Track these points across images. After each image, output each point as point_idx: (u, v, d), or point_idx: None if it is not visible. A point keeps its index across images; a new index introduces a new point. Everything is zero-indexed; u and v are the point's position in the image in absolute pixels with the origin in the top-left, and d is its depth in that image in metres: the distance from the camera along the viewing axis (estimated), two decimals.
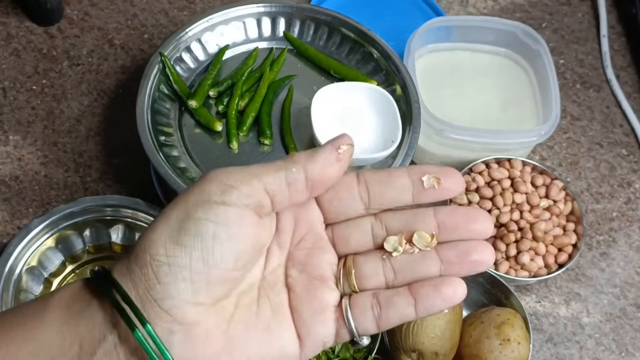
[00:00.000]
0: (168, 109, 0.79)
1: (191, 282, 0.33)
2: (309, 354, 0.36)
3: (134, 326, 0.33)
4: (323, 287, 0.37)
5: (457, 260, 0.37)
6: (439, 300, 0.37)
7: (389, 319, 0.37)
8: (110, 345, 0.34)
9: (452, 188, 0.38)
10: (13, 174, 0.82)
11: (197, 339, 0.33)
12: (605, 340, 0.79)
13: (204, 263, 0.33)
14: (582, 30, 1.01)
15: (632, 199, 0.88)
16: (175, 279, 0.33)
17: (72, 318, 0.35)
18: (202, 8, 0.97)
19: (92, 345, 0.34)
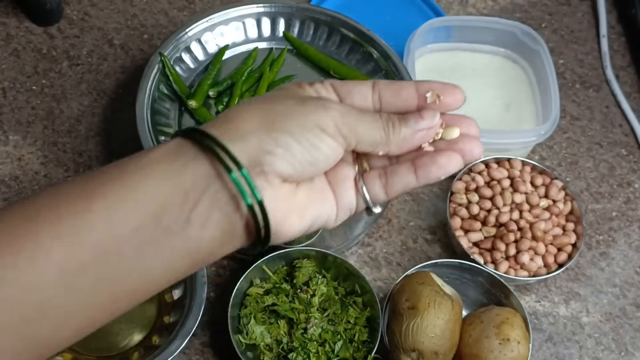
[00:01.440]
0: (168, 109, 0.79)
1: (293, 167, 0.42)
2: (341, 217, 0.46)
3: (231, 169, 0.40)
4: (344, 164, 0.46)
5: (446, 147, 0.45)
6: (434, 167, 0.44)
7: (393, 185, 0.45)
8: (212, 193, 0.40)
9: (451, 103, 0.46)
10: (13, 174, 0.82)
11: (279, 196, 0.42)
12: (605, 339, 0.79)
13: (309, 164, 0.42)
14: (581, 30, 1.01)
15: (631, 199, 0.88)
16: (285, 159, 0.41)
17: (176, 170, 0.40)
18: (201, 8, 0.97)
19: (197, 194, 0.40)
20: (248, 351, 0.71)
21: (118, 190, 0.40)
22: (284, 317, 0.72)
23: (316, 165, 0.43)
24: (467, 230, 0.80)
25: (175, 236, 0.40)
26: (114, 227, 0.39)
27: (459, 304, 0.70)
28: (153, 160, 0.41)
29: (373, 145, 0.44)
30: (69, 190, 0.40)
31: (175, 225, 0.40)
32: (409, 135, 0.45)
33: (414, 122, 0.45)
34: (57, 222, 0.39)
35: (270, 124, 0.42)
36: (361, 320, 0.73)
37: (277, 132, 0.41)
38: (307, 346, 0.71)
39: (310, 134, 0.42)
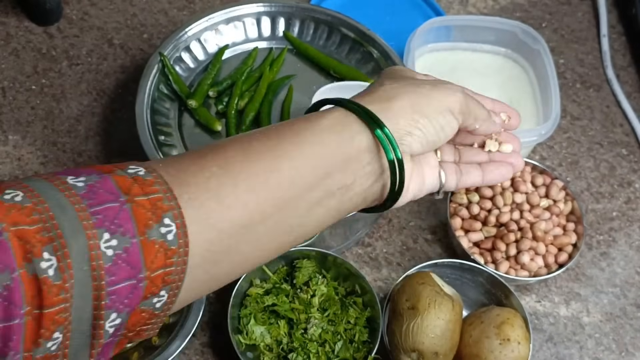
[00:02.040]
0: (168, 109, 0.79)
1: (422, 146, 0.52)
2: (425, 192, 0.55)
3: (380, 126, 0.49)
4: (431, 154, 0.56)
5: (500, 159, 0.58)
6: (497, 172, 0.57)
7: (466, 179, 0.57)
8: (369, 163, 0.50)
9: (513, 125, 0.59)
10: (12, 174, 0.82)
11: (407, 168, 0.51)
12: (605, 340, 0.79)
13: (434, 143, 0.52)
14: (582, 29, 1.01)
15: (632, 199, 0.88)
16: (419, 140, 0.51)
17: (343, 142, 0.49)
18: (201, 8, 0.97)
19: (358, 163, 0.49)
20: (248, 351, 0.71)
21: (299, 154, 0.48)
22: (284, 318, 0.72)
23: (438, 143, 0.53)
24: (468, 230, 0.80)
25: (332, 198, 0.49)
26: (295, 186, 0.47)
27: (459, 304, 0.70)
28: (324, 129, 0.49)
29: (476, 120, 0.55)
30: (257, 148, 0.48)
31: (335, 188, 0.49)
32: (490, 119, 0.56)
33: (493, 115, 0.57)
34: (252, 176, 0.46)
35: (416, 107, 0.51)
36: (361, 321, 0.73)
37: (419, 115, 0.51)
38: (307, 346, 0.71)
39: (442, 116, 0.52)
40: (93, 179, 0.42)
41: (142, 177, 0.43)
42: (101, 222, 0.40)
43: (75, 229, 0.40)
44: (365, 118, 0.49)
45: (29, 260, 0.38)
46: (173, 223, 0.42)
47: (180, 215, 0.43)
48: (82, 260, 0.39)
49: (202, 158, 0.46)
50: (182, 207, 0.43)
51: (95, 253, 0.40)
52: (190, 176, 0.45)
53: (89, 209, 0.40)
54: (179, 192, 0.43)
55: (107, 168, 0.44)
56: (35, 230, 0.39)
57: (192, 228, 0.43)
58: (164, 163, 0.46)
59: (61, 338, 0.40)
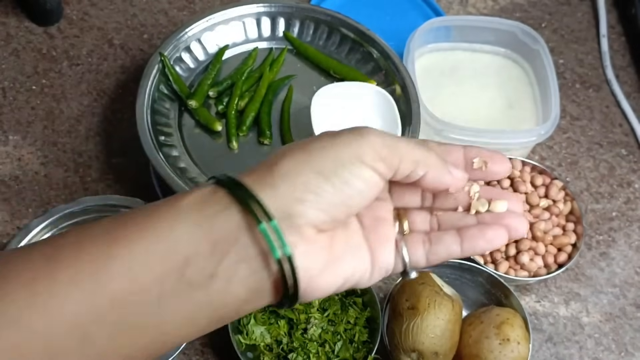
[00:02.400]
0: (168, 109, 0.79)
1: (326, 213, 0.40)
2: (376, 277, 0.44)
3: (260, 221, 0.38)
4: (385, 224, 0.44)
5: (492, 221, 0.45)
6: (482, 240, 0.44)
7: (437, 253, 0.44)
8: (242, 246, 0.39)
9: (497, 172, 0.46)
10: (13, 174, 0.82)
11: (312, 252, 0.40)
12: (605, 340, 0.79)
13: (342, 205, 0.40)
14: (581, 30, 1.01)
15: (631, 199, 0.88)
16: (317, 206, 0.39)
17: (206, 220, 0.39)
18: (201, 8, 0.97)
19: (226, 245, 0.38)
20: (248, 351, 0.71)
21: (144, 237, 0.38)
22: (284, 318, 0.72)
23: (350, 203, 0.40)
24: None
25: (198, 290, 0.38)
26: (136, 277, 0.37)
27: (459, 304, 0.70)
28: (184, 207, 0.39)
29: (414, 164, 0.42)
30: (94, 232, 0.39)
31: (200, 278, 0.38)
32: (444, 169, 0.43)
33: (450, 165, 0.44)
34: (77, 267, 0.37)
35: (304, 165, 0.40)
36: (361, 321, 0.73)
37: (310, 173, 0.39)
38: (307, 346, 0.71)
39: (344, 169, 0.40)
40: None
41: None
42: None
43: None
44: (235, 191, 0.39)
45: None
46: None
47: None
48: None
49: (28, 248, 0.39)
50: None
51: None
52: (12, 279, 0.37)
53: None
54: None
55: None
56: None
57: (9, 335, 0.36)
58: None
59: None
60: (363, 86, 0.78)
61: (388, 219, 0.45)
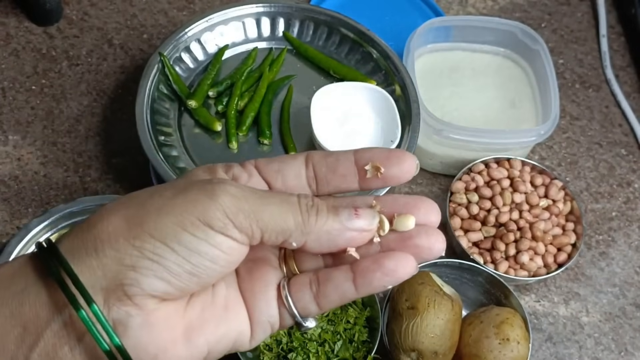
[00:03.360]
0: (167, 109, 0.79)
1: (168, 283, 0.32)
2: (259, 336, 0.36)
3: (79, 306, 0.31)
4: (265, 267, 0.37)
5: (396, 245, 0.35)
6: (378, 273, 0.34)
7: (327, 296, 0.35)
8: (58, 327, 0.32)
9: (397, 176, 0.36)
10: (12, 174, 0.82)
11: (155, 323, 0.33)
12: (605, 339, 0.79)
13: (190, 275, 0.33)
14: (581, 30, 1.01)
15: (631, 199, 0.88)
16: (154, 274, 0.32)
17: (14, 298, 0.32)
18: (201, 8, 0.97)
19: (38, 327, 0.32)
20: (248, 351, 0.71)
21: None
22: None
23: (200, 275, 0.33)
24: (467, 230, 0.80)
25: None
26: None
27: (458, 304, 0.70)
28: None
29: (284, 234, 0.34)
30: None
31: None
32: (335, 231, 0.34)
33: (347, 217, 0.34)
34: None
35: (136, 227, 0.32)
36: (361, 320, 0.73)
37: (142, 239, 0.32)
38: (307, 346, 0.71)
39: (188, 235, 0.32)
40: None
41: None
42: None
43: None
44: (47, 262, 0.32)
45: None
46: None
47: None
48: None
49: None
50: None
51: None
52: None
53: None
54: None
55: None
56: None
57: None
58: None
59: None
60: (363, 86, 0.78)
61: (268, 259, 0.37)
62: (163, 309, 0.33)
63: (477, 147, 0.82)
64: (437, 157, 0.84)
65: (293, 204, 0.34)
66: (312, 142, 0.76)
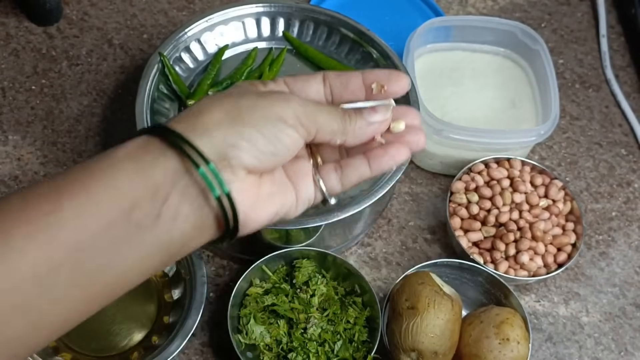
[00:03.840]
0: (167, 109, 0.79)
1: (258, 160, 0.44)
2: (301, 208, 0.49)
3: (198, 165, 0.41)
4: (301, 160, 0.49)
5: (394, 140, 0.49)
6: (386, 157, 0.48)
7: (348, 176, 0.49)
8: (181, 187, 0.42)
9: (396, 91, 0.50)
10: (12, 174, 0.82)
11: (246, 188, 0.44)
12: (605, 339, 0.79)
13: (273, 155, 0.44)
14: (581, 30, 1.01)
15: (631, 199, 0.88)
16: (248, 152, 0.43)
17: (145, 166, 0.42)
18: (201, 8, 0.97)
19: (166, 189, 0.41)
20: (248, 351, 0.71)
21: (87, 187, 0.40)
22: (284, 317, 0.72)
23: (278, 155, 0.45)
24: (467, 230, 0.80)
25: (147, 231, 0.41)
26: (85, 225, 0.40)
27: (458, 303, 0.70)
28: (121, 157, 0.42)
29: (331, 134, 0.47)
30: (38, 191, 0.41)
31: (147, 219, 0.41)
32: (363, 126, 0.48)
33: (368, 115, 0.48)
34: (28, 222, 0.39)
35: (236, 118, 0.43)
36: (361, 320, 0.73)
37: (242, 126, 0.43)
38: (307, 346, 0.71)
39: (273, 125, 0.44)
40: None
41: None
42: None
43: None
44: (169, 137, 0.42)
45: None
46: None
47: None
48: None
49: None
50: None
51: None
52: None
53: None
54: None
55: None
56: None
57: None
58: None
59: None
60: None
61: (303, 156, 0.49)
62: (249, 179, 0.44)
63: (477, 147, 0.82)
64: (437, 157, 0.84)
65: (337, 113, 0.47)
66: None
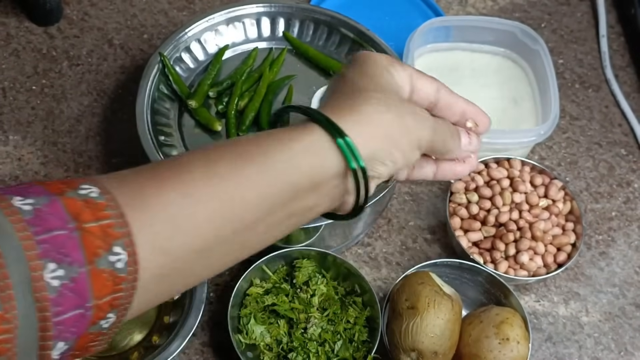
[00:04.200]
0: (168, 109, 0.79)
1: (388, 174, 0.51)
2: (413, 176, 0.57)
3: (337, 136, 0.47)
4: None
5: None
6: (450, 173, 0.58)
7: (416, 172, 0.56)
8: (334, 185, 0.49)
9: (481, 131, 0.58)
10: (13, 174, 0.82)
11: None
12: (604, 339, 0.79)
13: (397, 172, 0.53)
14: (581, 30, 1.01)
15: (631, 199, 0.88)
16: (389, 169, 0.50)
17: (315, 165, 0.48)
18: (201, 8, 0.97)
19: (324, 186, 0.48)
20: (248, 351, 0.71)
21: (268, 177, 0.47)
22: (284, 317, 0.72)
23: (400, 171, 0.53)
24: (467, 230, 0.80)
25: (295, 217, 0.49)
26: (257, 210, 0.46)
27: (458, 303, 0.71)
28: (297, 153, 0.48)
29: (448, 154, 0.55)
30: (221, 173, 0.46)
31: (300, 210, 0.49)
32: (468, 153, 0.57)
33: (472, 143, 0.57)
34: (212, 202, 0.45)
35: (393, 138, 0.50)
36: (361, 320, 0.73)
37: (394, 148, 0.50)
38: (307, 346, 0.71)
39: (412, 151, 0.51)
40: (41, 202, 0.40)
41: (94, 199, 0.41)
42: (46, 252, 0.38)
43: (17, 258, 0.38)
44: (338, 139, 0.48)
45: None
46: (124, 251, 0.41)
47: (131, 243, 0.41)
48: (26, 291, 0.38)
49: (161, 180, 0.44)
50: (135, 234, 0.41)
51: (39, 284, 0.38)
52: (146, 200, 0.43)
53: (35, 236, 0.38)
54: (132, 217, 0.42)
55: (58, 187, 0.41)
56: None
57: (144, 254, 0.42)
58: (119, 180, 0.44)
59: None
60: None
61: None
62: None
63: None
64: None
65: (458, 142, 0.56)
66: None
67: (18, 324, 0.38)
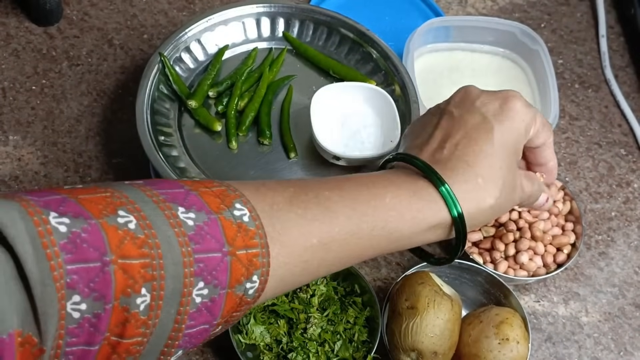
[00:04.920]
0: (167, 109, 0.79)
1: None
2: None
3: (439, 184, 0.53)
4: None
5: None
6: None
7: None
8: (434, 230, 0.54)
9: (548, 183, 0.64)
10: (13, 174, 0.82)
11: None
12: (604, 339, 0.79)
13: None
14: (580, 30, 1.01)
15: (630, 199, 0.88)
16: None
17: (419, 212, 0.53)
18: (201, 8, 0.97)
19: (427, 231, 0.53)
20: (248, 351, 0.71)
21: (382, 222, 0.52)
22: (284, 317, 0.72)
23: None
24: None
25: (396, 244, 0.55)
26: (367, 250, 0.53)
27: (458, 303, 0.71)
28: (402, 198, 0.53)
29: (535, 206, 0.63)
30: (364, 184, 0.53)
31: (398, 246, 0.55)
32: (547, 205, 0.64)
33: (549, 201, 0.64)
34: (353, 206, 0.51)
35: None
36: (360, 320, 0.73)
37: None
38: (307, 346, 0.71)
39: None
40: (202, 219, 0.43)
41: (246, 225, 0.45)
42: (200, 271, 0.42)
43: (176, 274, 0.41)
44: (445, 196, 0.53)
45: (127, 295, 0.39)
46: (258, 279, 0.45)
47: (267, 273, 0.46)
48: (173, 303, 0.41)
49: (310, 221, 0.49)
50: (272, 267, 0.46)
51: (186, 300, 0.41)
52: (292, 239, 0.47)
53: (194, 254, 0.42)
54: (274, 249, 0.46)
55: (215, 204, 0.45)
56: (141, 265, 0.40)
57: (271, 284, 0.47)
58: (269, 205, 0.48)
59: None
60: (363, 86, 0.78)
61: None
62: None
63: None
64: None
65: (541, 194, 0.62)
66: (312, 142, 0.76)
67: (153, 331, 0.41)
